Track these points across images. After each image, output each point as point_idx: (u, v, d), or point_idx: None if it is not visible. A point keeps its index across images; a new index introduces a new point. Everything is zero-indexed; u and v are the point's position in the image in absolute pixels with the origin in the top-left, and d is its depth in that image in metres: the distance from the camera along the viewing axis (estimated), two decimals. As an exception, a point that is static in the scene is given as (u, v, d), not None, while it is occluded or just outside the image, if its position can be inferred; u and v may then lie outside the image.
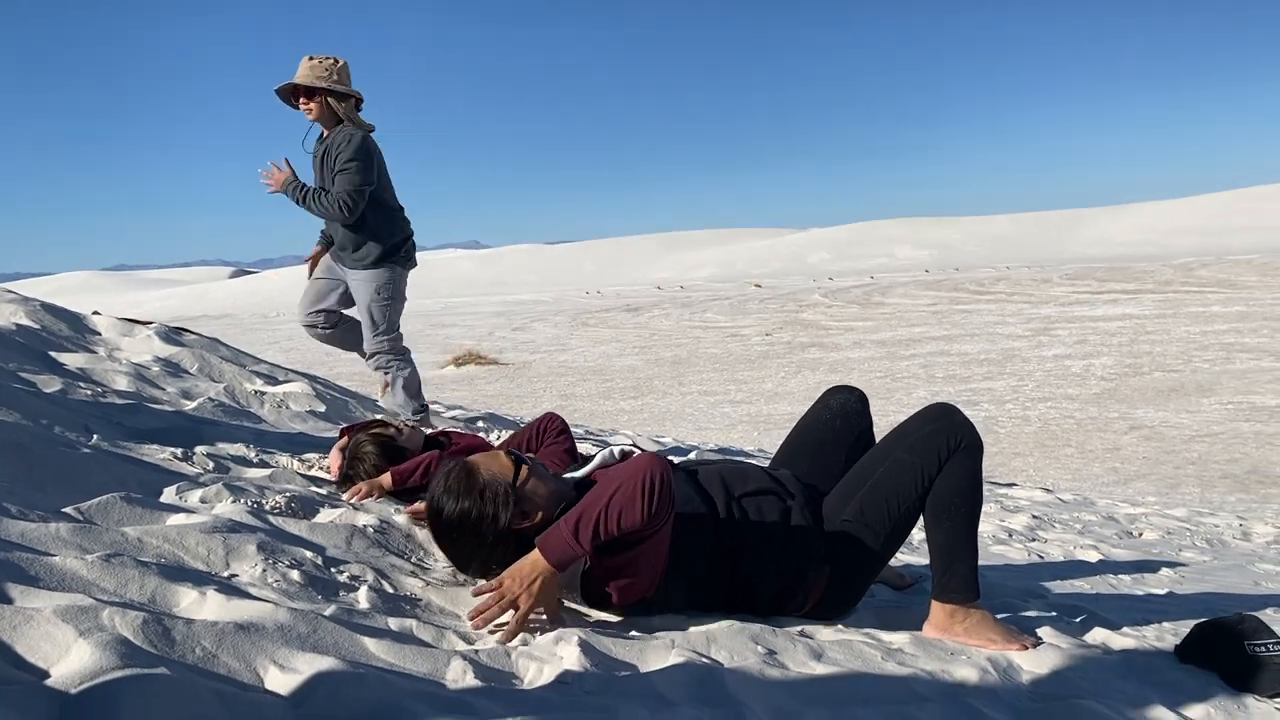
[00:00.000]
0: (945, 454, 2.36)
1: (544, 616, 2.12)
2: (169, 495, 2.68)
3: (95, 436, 3.16)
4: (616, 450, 2.55)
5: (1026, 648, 2.36)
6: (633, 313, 31.79)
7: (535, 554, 2.10)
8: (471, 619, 2.08)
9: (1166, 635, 2.71)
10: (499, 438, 4.53)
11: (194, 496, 2.68)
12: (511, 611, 2.06)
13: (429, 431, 3.46)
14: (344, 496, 3.00)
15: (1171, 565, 4.15)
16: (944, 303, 29.02)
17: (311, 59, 4.47)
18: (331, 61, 4.48)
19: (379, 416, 4.69)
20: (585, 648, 1.93)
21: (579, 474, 2.49)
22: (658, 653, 2.01)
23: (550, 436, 3.05)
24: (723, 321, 28.48)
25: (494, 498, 2.26)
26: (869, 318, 26.95)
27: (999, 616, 2.45)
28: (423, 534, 2.74)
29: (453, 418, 5.93)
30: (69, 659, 1.47)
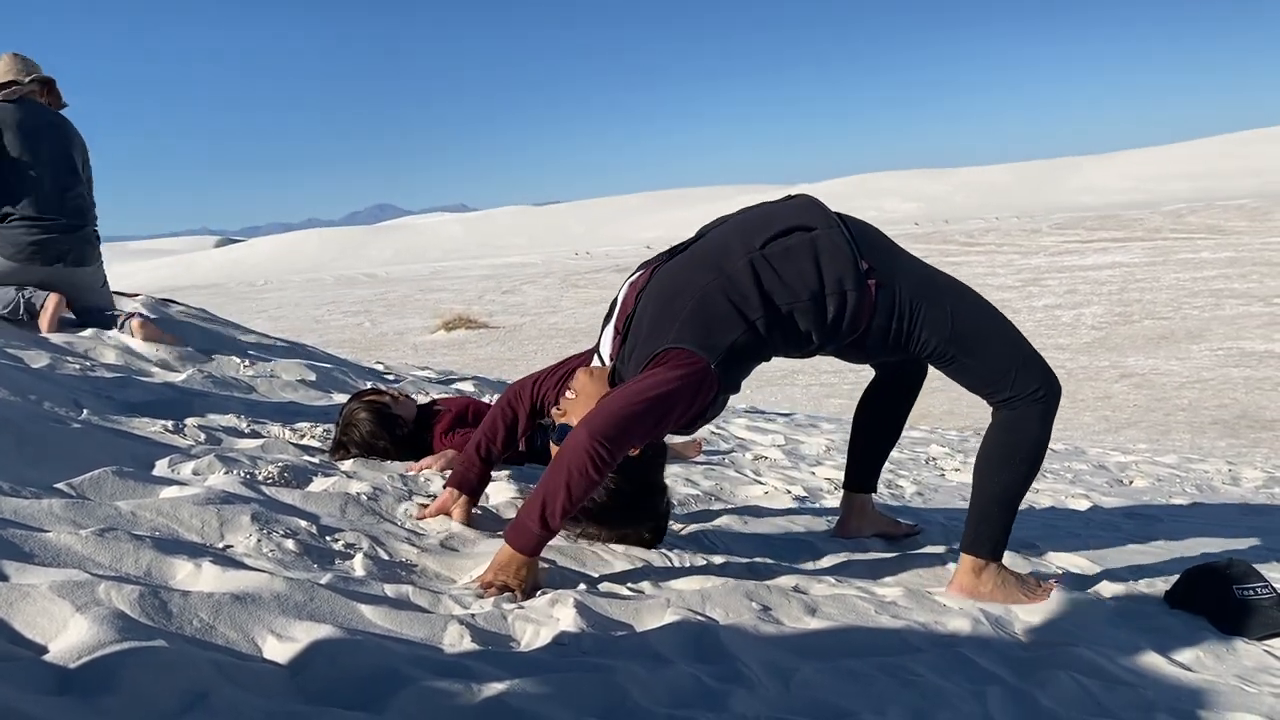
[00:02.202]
0: (1031, 383, 2.32)
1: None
2: (161, 468, 2.68)
3: (85, 411, 3.14)
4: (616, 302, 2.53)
5: (1049, 596, 2.40)
6: (623, 273, 31.64)
7: (508, 549, 2.09)
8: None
9: (1156, 581, 2.75)
10: (491, 398, 4.53)
11: (186, 469, 2.68)
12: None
13: (420, 400, 3.45)
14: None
15: (1161, 512, 4.19)
16: (934, 255, 28.90)
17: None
18: None
19: (372, 384, 4.68)
20: (581, 609, 1.95)
21: (608, 341, 2.52)
22: (654, 612, 2.03)
23: (545, 390, 2.72)
24: (713, 279, 28.30)
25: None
26: (859, 272, 26.77)
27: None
28: (418, 499, 2.74)
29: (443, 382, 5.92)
30: (67, 634, 1.47)
